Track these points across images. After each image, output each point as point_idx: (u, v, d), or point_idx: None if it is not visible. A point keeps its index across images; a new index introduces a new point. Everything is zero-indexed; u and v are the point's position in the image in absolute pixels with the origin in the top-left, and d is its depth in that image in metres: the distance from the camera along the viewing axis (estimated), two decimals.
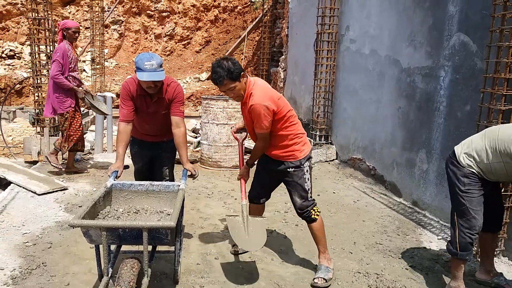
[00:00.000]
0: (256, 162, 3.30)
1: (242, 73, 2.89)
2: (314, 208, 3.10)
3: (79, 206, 4.39)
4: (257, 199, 3.40)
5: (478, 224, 2.79)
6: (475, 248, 3.47)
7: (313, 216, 3.09)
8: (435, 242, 3.87)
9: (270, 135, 3.04)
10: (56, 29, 5.86)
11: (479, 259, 3.24)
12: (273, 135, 3.04)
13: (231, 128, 3.63)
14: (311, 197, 3.12)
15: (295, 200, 3.11)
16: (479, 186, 2.80)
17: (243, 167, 3.29)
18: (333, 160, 6.72)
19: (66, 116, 5.32)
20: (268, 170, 3.24)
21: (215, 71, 2.85)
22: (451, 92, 4.22)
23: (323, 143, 6.89)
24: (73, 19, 13.31)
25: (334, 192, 5.25)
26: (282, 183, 3.25)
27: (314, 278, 3.05)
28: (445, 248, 3.02)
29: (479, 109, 3.56)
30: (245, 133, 3.52)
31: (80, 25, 13.32)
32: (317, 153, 6.69)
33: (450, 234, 2.98)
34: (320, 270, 3.11)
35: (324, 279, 3.04)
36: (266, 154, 3.19)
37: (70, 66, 5.26)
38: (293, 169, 3.07)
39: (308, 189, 3.10)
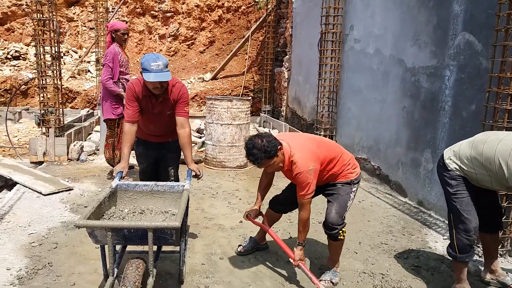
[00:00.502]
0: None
1: (279, 146, 2.78)
2: (343, 229, 3.01)
3: (85, 207, 4.41)
4: (277, 204, 3.33)
5: (472, 224, 2.78)
6: (480, 248, 3.46)
7: (339, 237, 3.01)
8: (440, 242, 3.85)
9: (323, 176, 2.97)
10: (60, 30, 5.79)
11: (483, 260, 3.22)
12: (325, 176, 2.99)
13: (247, 216, 3.27)
14: (345, 217, 3.02)
15: (330, 211, 2.98)
16: (466, 187, 2.81)
17: (297, 249, 2.95)
18: None
19: (118, 122, 5.11)
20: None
21: (251, 154, 2.74)
22: (456, 92, 4.20)
23: None
24: (77, 20, 13.37)
25: None
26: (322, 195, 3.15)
27: (321, 280, 3.04)
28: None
29: (484, 109, 3.54)
30: (261, 216, 3.36)
31: (84, 26, 13.41)
32: None
33: (449, 238, 2.98)
34: (328, 272, 3.11)
35: (331, 282, 3.05)
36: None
37: (121, 69, 5.08)
38: (341, 184, 3.03)
39: (348, 208, 3.02)
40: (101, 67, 10.22)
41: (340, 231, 2.99)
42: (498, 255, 3.31)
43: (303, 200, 2.86)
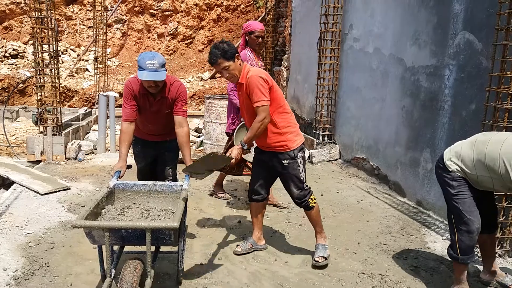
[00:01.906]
0: (251, 147, 3.20)
1: (236, 54, 3.03)
2: (311, 196, 3.25)
3: (82, 206, 4.38)
4: (256, 193, 3.43)
5: (475, 225, 2.76)
6: (477, 250, 3.45)
7: (311, 205, 3.25)
8: (439, 242, 3.84)
9: (271, 114, 3.09)
10: (58, 28, 5.64)
11: (482, 260, 3.21)
12: (273, 117, 3.11)
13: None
14: (307, 186, 3.25)
15: (292, 191, 3.23)
16: (468, 187, 2.79)
17: (235, 147, 3.16)
18: (337, 159, 6.69)
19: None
20: (264, 164, 3.32)
21: (211, 52, 3.01)
22: (456, 91, 4.18)
23: (326, 143, 6.86)
24: (75, 18, 13.33)
25: (337, 192, 5.22)
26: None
27: (314, 258, 3.25)
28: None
29: (484, 108, 3.53)
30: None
31: (83, 24, 13.38)
32: (320, 152, 6.66)
33: (450, 239, 2.96)
34: (318, 250, 3.32)
35: (324, 257, 3.27)
36: (260, 148, 3.29)
37: None
38: (287, 162, 3.17)
39: (303, 179, 3.21)
40: (99, 65, 10.22)
41: (309, 200, 3.23)
42: (497, 256, 3.30)
43: (258, 108, 2.99)
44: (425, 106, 4.63)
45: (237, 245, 3.53)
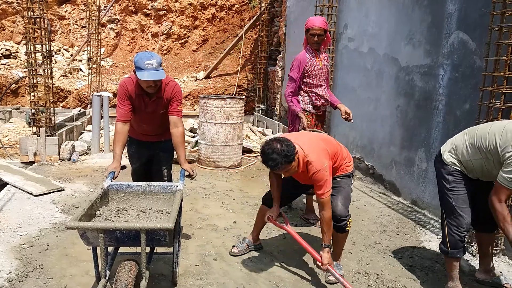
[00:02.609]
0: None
1: (296, 150, 2.78)
2: (349, 219, 3.09)
3: (76, 207, 4.35)
4: (271, 199, 3.29)
5: (466, 222, 2.81)
6: (474, 247, 3.46)
7: (347, 228, 3.08)
8: (434, 241, 3.85)
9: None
10: (51, 28, 5.51)
11: (478, 259, 3.22)
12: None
13: (268, 218, 3.17)
14: (349, 208, 3.11)
15: (336, 204, 3.00)
16: (464, 184, 2.84)
17: (324, 252, 2.89)
18: None
19: None
20: (297, 181, 3.17)
21: (271, 159, 2.72)
22: (450, 91, 4.20)
23: None
24: (68, 18, 13.24)
25: None
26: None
27: (328, 276, 3.05)
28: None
29: (478, 108, 3.55)
30: (282, 217, 3.33)
31: (76, 24, 13.29)
32: None
33: (441, 233, 2.99)
34: (338, 268, 3.16)
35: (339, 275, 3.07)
36: None
37: (307, 80, 4.07)
38: (341, 177, 3.11)
39: (351, 199, 3.14)
40: (93, 65, 10.16)
41: (348, 222, 3.06)
42: (493, 255, 3.31)
43: (323, 200, 2.85)
44: (420, 105, 4.65)
45: (233, 246, 3.52)
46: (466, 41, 3.99)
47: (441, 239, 2.97)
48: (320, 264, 2.92)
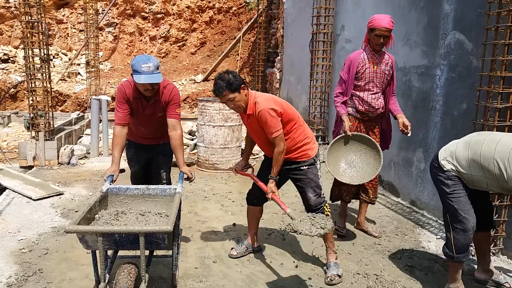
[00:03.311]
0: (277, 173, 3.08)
1: (242, 85, 2.97)
2: (326, 204, 3.17)
3: (75, 211, 4.35)
4: (255, 198, 3.41)
5: (471, 224, 2.78)
6: (472, 246, 3.47)
7: (325, 213, 3.11)
8: (433, 241, 3.86)
9: (285, 135, 3.06)
10: (49, 32, 5.49)
11: (476, 259, 3.23)
12: (287, 137, 3.07)
13: (235, 169, 3.48)
14: (323, 194, 3.18)
15: (309, 197, 3.13)
16: (463, 186, 2.81)
17: (269, 182, 3.05)
18: None
19: None
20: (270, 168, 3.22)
21: (216, 83, 2.96)
22: (447, 91, 4.22)
23: (320, 144, 6.88)
24: (66, 22, 13.25)
25: None
26: (290, 181, 3.29)
27: (327, 276, 3.11)
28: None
29: (475, 108, 3.56)
30: (250, 168, 3.52)
31: (74, 28, 13.31)
32: None
33: (445, 237, 2.97)
34: (331, 268, 3.17)
35: (338, 275, 3.12)
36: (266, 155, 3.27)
37: (358, 83, 3.72)
38: (307, 167, 3.15)
39: (321, 186, 3.17)
40: (91, 69, 10.17)
41: (324, 207, 3.14)
42: (491, 254, 3.32)
43: (274, 139, 2.97)
44: (417, 106, 4.66)
45: (232, 248, 3.52)
46: (462, 42, 4.01)
47: (442, 241, 2.96)
48: (266, 194, 3.03)
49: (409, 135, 3.70)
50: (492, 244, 3.46)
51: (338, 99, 3.78)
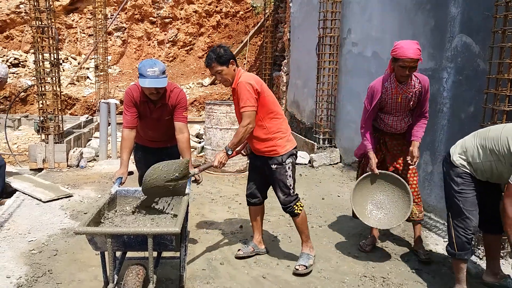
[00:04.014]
0: (234, 149, 3.14)
1: (231, 60, 3.07)
2: (297, 203, 3.24)
3: (84, 213, 4.40)
4: (253, 197, 3.46)
5: (473, 224, 2.81)
6: (481, 249, 3.45)
7: (295, 211, 3.23)
8: (441, 244, 3.84)
9: (258, 124, 3.12)
10: (59, 37, 5.54)
11: (486, 261, 3.21)
12: (256, 125, 3.12)
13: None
14: (293, 192, 3.23)
15: (279, 196, 3.24)
16: (473, 186, 2.82)
17: (220, 152, 3.07)
18: (337, 163, 6.71)
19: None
20: (257, 168, 3.37)
21: (207, 55, 3.10)
22: (454, 94, 4.21)
23: (326, 147, 6.89)
24: (76, 27, 13.41)
25: (338, 195, 5.23)
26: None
27: (295, 266, 3.23)
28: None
29: (483, 110, 3.55)
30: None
31: (83, 33, 13.46)
32: (321, 156, 6.68)
33: (447, 235, 2.98)
34: (301, 258, 3.30)
35: (305, 266, 3.23)
36: (254, 152, 3.34)
37: (381, 109, 3.51)
38: (275, 166, 3.18)
39: (290, 185, 3.21)
40: (100, 73, 10.27)
41: (295, 206, 3.22)
42: (500, 257, 3.30)
43: (243, 113, 3.01)
44: None
45: (239, 250, 3.54)
46: (469, 44, 4.00)
47: (447, 242, 2.97)
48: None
49: (412, 167, 3.51)
50: (501, 247, 3.44)
51: (363, 131, 3.53)
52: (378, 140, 3.61)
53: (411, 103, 3.42)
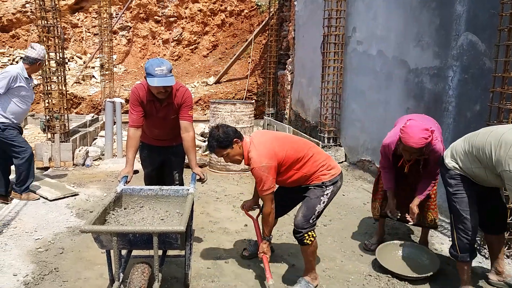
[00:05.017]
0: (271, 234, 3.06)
1: (234, 139, 2.88)
2: (309, 232, 2.92)
3: (90, 212, 4.43)
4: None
5: (472, 225, 2.78)
6: (486, 252, 3.43)
7: (305, 241, 2.92)
8: (446, 244, 3.83)
9: (290, 178, 2.97)
10: (65, 36, 5.57)
11: (490, 261, 3.20)
12: (293, 178, 2.97)
13: (243, 207, 3.46)
14: (313, 220, 2.93)
15: (297, 214, 2.96)
16: (467, 187, 2.79)
17: (262, 242, 3.00)
18: (342, 162, 6.70)
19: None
20: (289, 189, 3.13)
21: (208, 142, 2.96)
22: (460, 92, 4.19)
23: (331, 145, 6.88)
24: (81, 26, 13.46)
25: (343, 194, 5.23)
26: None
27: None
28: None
29: (489, 109, 3.53)
30: (257, 209, 3.46)
31: (88, 32, 13.52)
32: None
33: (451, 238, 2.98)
34: (299, 284, 3.02)
35: None
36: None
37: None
38: (313, 187, 2.97)
39: (317, 211, 2.93)
40: (105, 72, 10.32)
41: (306, 235, 2.91)
42: (505, 257, 3.29)
43: (262, 196, 2.92)
44: (430, 107, 4.64)
45: (244, 249, 3.55)
46: (475, 43, 3.98)
47: (451, 244, 2.96)
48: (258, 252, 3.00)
49: (410, 223, 3.43)
50: (507, 247, 3.43)
51: (383, 171, 3.50)
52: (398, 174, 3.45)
53: (420, 166, 3.33)
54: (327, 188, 2.95)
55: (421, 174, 3.37)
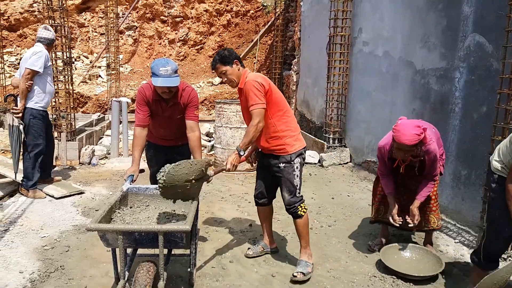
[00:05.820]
0: (246, 150, 3.06)
1: (235, 60, 3.08)
2: (301, 204, 3.19)
3: (96, 210, 4.45)
4: (260, 197, 3.43)
5: (505, 235, 2.62)
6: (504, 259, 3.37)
7: (299, 213, 3.17)
8: (452, 245, 3.81)
9: (268, 118, 3.07)
10: (71, 36, 5.61)
11: None
12: (265, 123, 3.07)
13: (248, 160, 3.40)
14: (299, 193, 3.19)
15: (284, 196, 3.19)
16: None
17: (232, 154, 2.99)
18: (347, 163, 6.69)
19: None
20: (265, 167, 3.32)
21: (213, 58, 3.15)
22: (467, 93, 4.17)
23: (336, 146, 6.87)
24: (88, 25, 13.54)
25: (348, 195, 5.22)
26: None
27: (293, 273, 3.15)
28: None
29: (495, 111, 3.51)
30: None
31: (95, 31, 13.59)
32: (331, 156, 6.66)
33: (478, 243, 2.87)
34: (299, 265, 3.21)
35: (303, 273, 3.14)
36: (262, 151, 3.29)
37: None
38: (283, 165, 3.14)
39: (297, 185, 3.16)
40: (112, 72, 10.37)
41: (299, 207, 3.16)
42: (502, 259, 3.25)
43: (252, 111, 2.97)
44: (436, 109, 4.62)
45: (248, 248, 3.55)
46: (482, 44, 3.96)
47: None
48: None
49: (410, 225, 3.37)
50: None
51: (382, 177, 3.50)
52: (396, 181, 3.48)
53: (415, 169, 3.36)
54: (294, 162, 3.14)
55: (419, 178, 3.38)
